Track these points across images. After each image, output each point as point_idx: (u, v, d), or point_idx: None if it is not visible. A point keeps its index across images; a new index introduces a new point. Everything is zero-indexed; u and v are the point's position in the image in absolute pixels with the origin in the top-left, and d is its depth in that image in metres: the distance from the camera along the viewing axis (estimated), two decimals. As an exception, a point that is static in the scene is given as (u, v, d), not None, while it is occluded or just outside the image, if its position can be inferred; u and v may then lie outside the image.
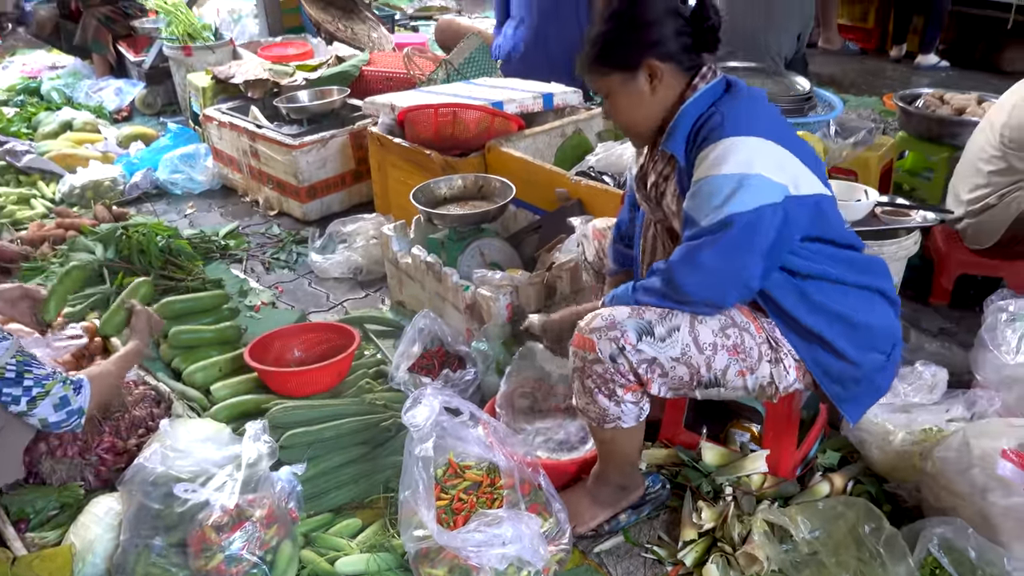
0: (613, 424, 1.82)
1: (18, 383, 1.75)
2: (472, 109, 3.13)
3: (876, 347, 1.82)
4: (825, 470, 2.12)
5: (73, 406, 1.87)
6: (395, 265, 2.91)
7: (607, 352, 1.73)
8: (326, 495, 2.08)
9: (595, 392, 1.78)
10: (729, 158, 1.63)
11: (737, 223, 1.61)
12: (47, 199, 3.95)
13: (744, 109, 1.72)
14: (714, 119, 1.69)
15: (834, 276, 1.77)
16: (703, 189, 1.65)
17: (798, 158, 1.70)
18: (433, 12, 8.14)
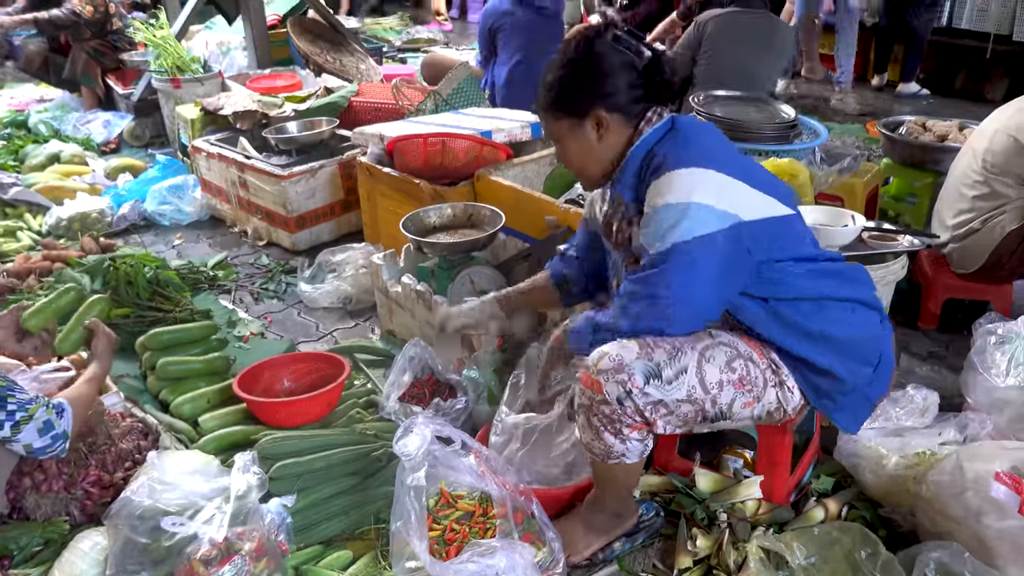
0: (617, 460, 1.81)
1: (1, 407, 1.75)
2: (461, 138, 3.15)
3: (862, 359, 1.83)
4: (819, 495, 2.12)
5: (57, 430, 1.87)
6: (385, 294, 2.90)
7: (614, 395, 1.72)
8: (316, 527, 2.05)
9: (601, 431, 1.78)
10: (672, 189, 1.69)
11: (678, 251, 1.66)
12: (34, 231, 3.93)
13: (686, 143, 1.78)
14: (657, 159, 1.76)
15: (811, 293, 1.79)
16: (649, 221, 1.72)
17: (749, 183, 1.73)
18: (421, 44, 8.22)
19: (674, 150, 1.76)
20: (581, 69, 1.81)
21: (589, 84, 1.81)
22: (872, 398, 1.89)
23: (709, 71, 4.26)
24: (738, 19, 4.23)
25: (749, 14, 4.25)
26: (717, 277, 1.68)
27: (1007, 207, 2.67)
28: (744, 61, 4.15)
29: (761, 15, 4.28)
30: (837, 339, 1.78)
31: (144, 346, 2.73)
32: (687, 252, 1.65)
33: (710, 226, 1.66)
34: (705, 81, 4.25)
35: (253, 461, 1.99)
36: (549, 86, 1.86)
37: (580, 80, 1.81)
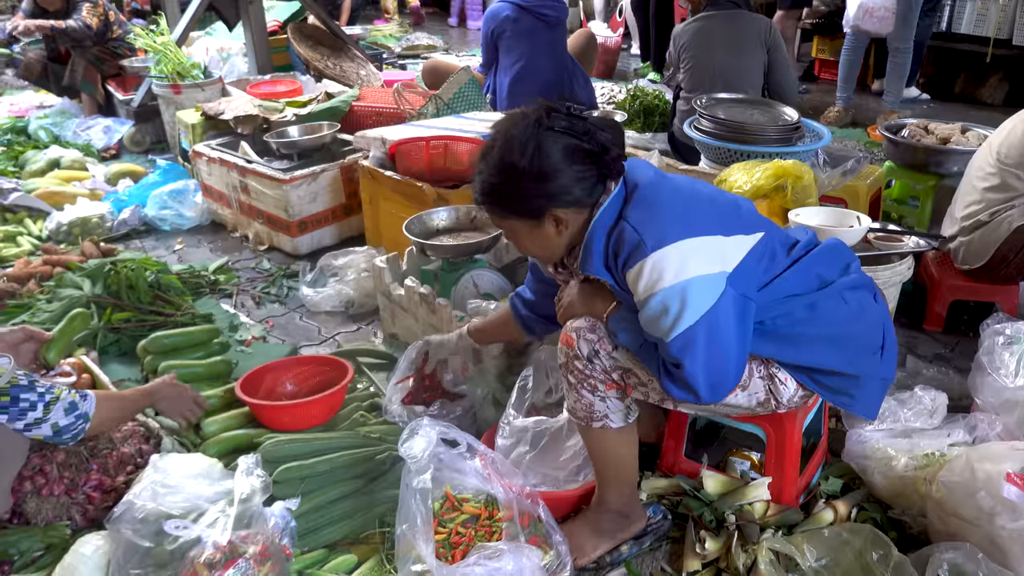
0: (601, 423, 1.83)
1: (31, 389, 1.80)
2: (464, 141, 3.14)
3: (867, 348, 1.82)
4: (828, 497, 2.09)
5: (80, 410, 1.91)
6: (388, 297, 2.88)
7: (585, 351, 1.78)
8: (320, 531, 2.03)
9: (579, 387, 1.82)
10: (662, 274, 1.60)
11: (700, 330, 1.60)
12: (34, 237, 3.91)
13: (653, 210, 1.67)
14: (627, 234, 1.64)
15: (803, 301, 1.75)
16: (651, 310, 1.63)
17: (721, 231, 1.67)
18: (420, 51, 8.22)
19: (645, 223, 1.64)
20: (529, 174, 1.65)
21: (540, 188, 1.66)
22: (887, 379, 1.88)
23: (691, 82, 4.24)
24: (706, 26, 4.21)
25: (717, 17, 4.21)
26: (737, 337, 1.64)
27: (1016, 201, 2.65)
28: (721, 66, 4.13)
29: (729, 15, 4.21)
30: (837, 337, 1.77)
31: (146, 350, 2.71)
32: (707, 327, 1.60)
33: (712, 295, 1.61)
34: (690, 91, 4.24)
35: (256, 464, 1.97)
36: (488, 192, 1.72)
37: (529, 185, 1.66)
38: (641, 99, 5.20)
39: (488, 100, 4.36)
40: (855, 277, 1.83)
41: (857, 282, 1.83)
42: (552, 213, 1.69)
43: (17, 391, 1.78)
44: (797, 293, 1.76)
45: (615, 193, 1.71)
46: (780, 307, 1.74)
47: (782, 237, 1.82)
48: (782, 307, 1.74)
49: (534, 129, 1.65)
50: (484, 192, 1.74)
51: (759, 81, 4.18)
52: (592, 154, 1.67)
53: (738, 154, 3.25)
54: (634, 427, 1.88)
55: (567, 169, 1.66)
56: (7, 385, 1.74)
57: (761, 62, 4.16)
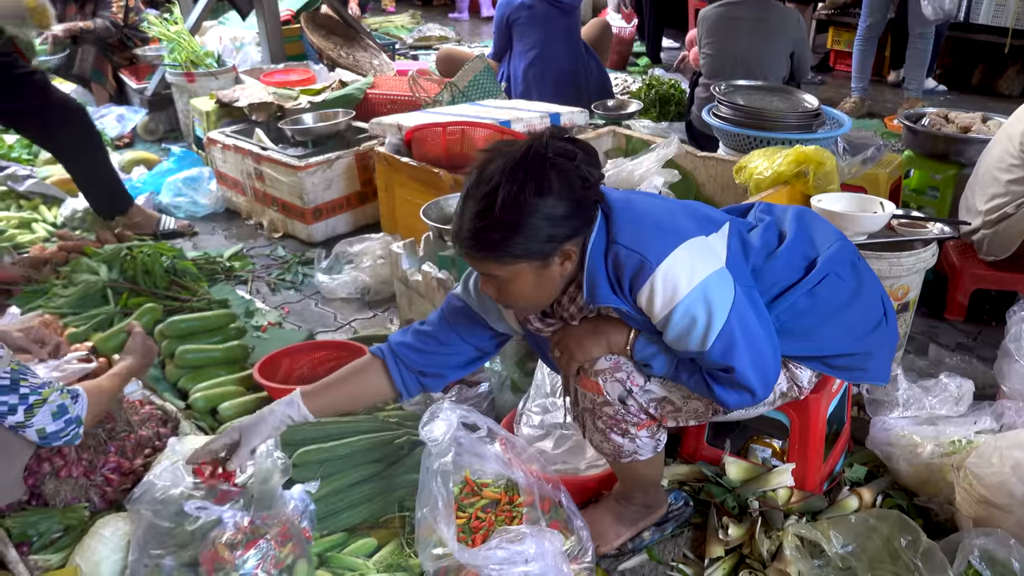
0: (630, 458, 1.79)
1: (14, 390, 1.67)
2: (481, 127, 3.11)
3: (868, 322, 1.79)
4: (852, 484, 2.07)
5: (71, 414, 1.79)
6: (405, 283, 2.86)
7: (615, 394, 1.69)
8: (340, 514, 2.01)
9: (608, 432, 1.75)
10: (677, 283, 1.52)
11: (735, 326, 1.55)
12: (49, 223, 3.91)
13: (637, 230, 1.58)
14: (625, 257, 1.56)
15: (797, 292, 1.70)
16: (678, 325, 1.55)
17: (698, 231, 1.60)
18: (432, 42, 8.19)
19: (638, 241, 1.56)
20: (540, 208, 1.48)
21: (552, 222, 1.50)
22: (892, 342, 1.86)
23: (712, 67, 4.25)
24: (734, 11, 4.20)
25: (746, 4, 4.20)
26: (760, 323, 1.60)
27: (1044, 192, 2.62)
28: (745, 53, 4.13)
29: (759, 3, 4.20)
30: (844, 318, 1.74)
31: (163, 334, 2.70)
32: (737, 329, 1.55)
33: (728, 289, 1.55)
34: (710, 76, 4.23)
35: (276, 446, 1.96)
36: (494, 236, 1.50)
37: (542, 223, 1.49)
38: (657, 88, 5.17)
39: (503, 88, 4.33)
40: (835, 248, 1.76)
41: (839, 252, 1.76)
42: (562, 249, 1.56)
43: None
44: (792, 282, 1.71)
45: (599, 222, 1.60)
46: (781, 302, 1.69)
47: (740, 224, 1.76)
48: (783, 302, 1.69)
49: (548, 162, 1.49)
50: (484, 240, 1.52)
51: (782, 72, 4.16)
52: (587, 180, 1.53)
53: (757, 141, 3.22)
54: (663, 450, 1.84)
55: (573, 198, 1.52)
56: None
57: (787, 53, 4.14)
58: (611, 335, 1.68)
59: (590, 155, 1.55)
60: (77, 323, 2.80)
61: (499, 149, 1.55)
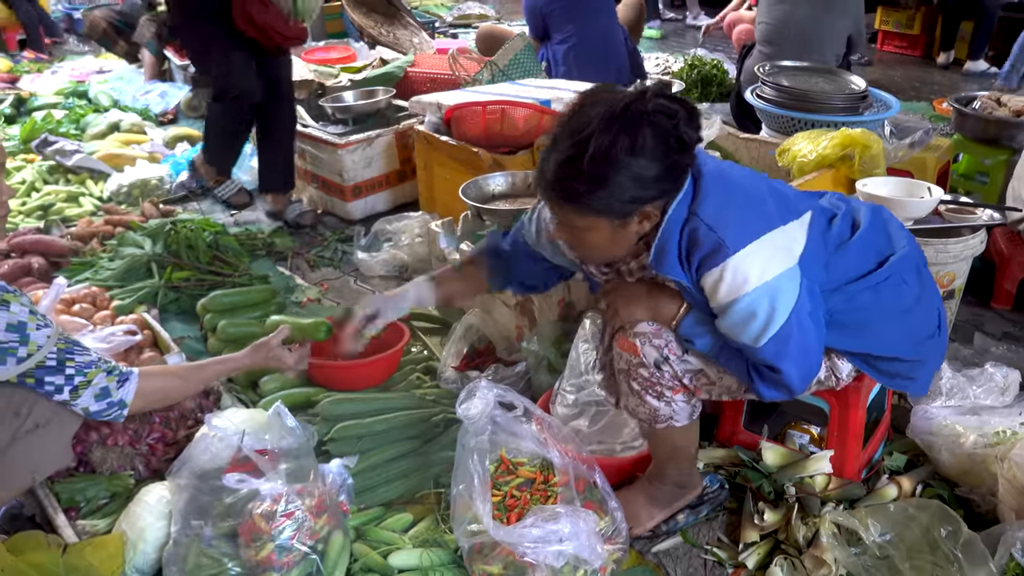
0: (665, 424, 1.78)
1: (60, 371, 1.66)
2: (521, 107, 3.10)
3: (924, 330, 1.78)
4: (891, 473, 2.05)
5: (113, 398, 1.76)
6: (443, 261, 2.88)
7: (651, 358, 1.69)
8: (376, 489, 2.04)
9: (643, 394, 1.75)
10: (747, 277, 1.51)
11: (792, 330, 1.55)
12: (95, 197, 3.98)
13: (722, 209, 1.55)
14: (703, 234, 1.53)
15: (861, 286, 1.68)
16: (736, 314, 1.54)
17: (780, 220, 1.58)
18: (472, 20, 8.16)
19: (720, 221, 1.53)
20: (631, 166, 1.46)
21: (640, 184, 1.48)
22: (941, 356, 1.85)
23: (766, 34, 4.19)
24: None
25: None
26: (815, 327, 1.60)
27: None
28: (803, 23, 4.06)
29: None
30: (900, 323, 1.72)
31: (205, 308, 2.75)
32: (793, 333, 1.55)
33: (794, 290, 1.54)
34: (763, 43, 4.19)
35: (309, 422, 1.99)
36: (579, 185, 1.49)
37: (628, 182, 1.47)
38: (699, 68, 5.10)
39: (544, 68, 4.30)
40: (908, 250, 1.75)
41: (908, 256, 1.75)
42: (643, 210, 1.53)
43: (43, 373, 1.64)
44: (859, 274, 1.69)
45: (686, 186, 1.57)
46: (843, 293, 1.67)
47: (823, 211, 1.73)
48: (845, 292, 1.68)
49: (646, 120, 1.45)
50: (569, 189, 1.51)
51: (840, 48, 4.10)
52: (683, 143, 1.49)
53: (802, 123, 3.16)
54: (698, 418, 1.83)
55: (665, 161, 1.48)
56: (34, 366, 1.62)
57: (845, 32, 4.09)
58: (661, 306, 1.68)
59: (692, 115, 1.51)
60: (123, 296, 2.86)
61: (598, 95, 1.52)
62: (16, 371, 1.59)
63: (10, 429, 1.66)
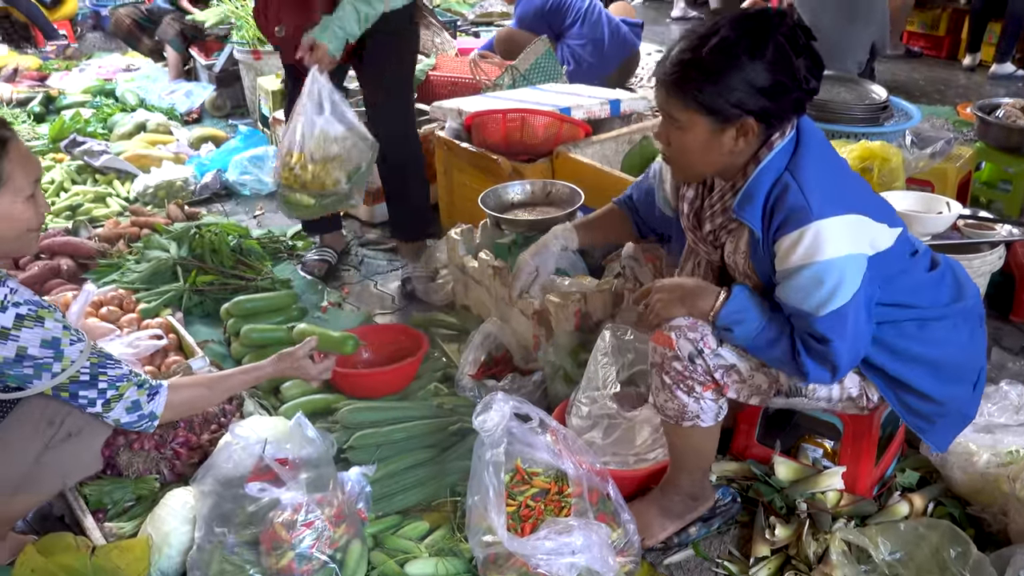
0: (692, 422, 1.81)
1: (92, 385, 1.71)
2: (541, 115, 3.12)
3: (962, 380, 1.79)
4: (904, 490, 2.06)
5: (144, 411, 1.80)
6: (461, 269, 2.91)
7: (686, 351, 1.73)
8: (394, 497, 2.09)
9: (674, 388, 1.78)
10: (823, 246, 1.54)
11: (851, 309, 1.58)
12: (122, 198, 4.06)
13: (818, 177, 1.59)
14: (792, 195, 1.57)
15: (911, 315, 1.71)
16: (803, 279, 1.58)
17: (872, 214, 1.62)
18: (494, 18, 8.16)
19: (812, 187, 1.57)
20: (751, 71, 1.52)
21: (753, 90, 1.53)
22: (969, 415, 1.84)
23: None
24: None
25: None
26: (868, 318, 1.64)
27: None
28: (828, 31, 4.10)
29: None
30: (939, 362, 1.74)
31: (228, 312, 2.80)
32: (851, 313, 1.59)
33: (860, 275, 1.58)
34: None
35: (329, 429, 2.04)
36: (699, 69, 1.55)
37: (742, 84, 1.52)
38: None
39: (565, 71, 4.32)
40: (971, 304, 1.79)
41: (971, 309, 1.79)
42: (745, 122, 1.57)
43: (77, 387, 1.69)
44: (912, 304, 1.72)
45: (787, 139, 1.62)
46: (892, 313, 1.70)
47: (907, 241, 1.76)
48: (894, 314, 1.70)
49: (775, 33, 1.52)
50: (682, 75, 1.57)
51: (863, 56, 4.16)
52: (807, 83, 1.55)
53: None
54: (721, 423, 1.86)
55: (786, 85, 1.53)
56: (67, 381, 1.67)
57: (869, 40, 4.13)
58: (698, 302, 1.73)
59: (815, 66, 1.57)
60: (148, 298, 2.93)
61: (759, 14, 1.57)
62: (50, 384, 1.65)
63: (44, 438, 1.73)
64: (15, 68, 6.11)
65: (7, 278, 1.61)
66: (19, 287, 1.62)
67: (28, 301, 1.61)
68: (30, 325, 1.59)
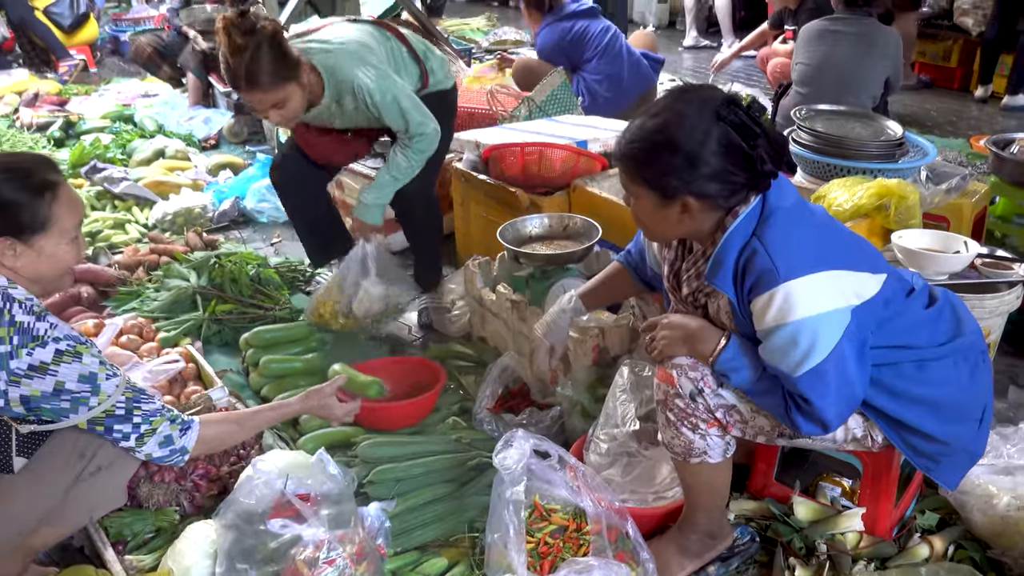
0: (699, 459, 1.82)
1: (127, 420, 1.75)
2: (558, 148, 3.16)
3: (965, 418, 1.78)
4: (924, 531, 2.05)
5: (176, 445, 1.83)
6: (478, 301, 2.93)
7: (687, 389, 1.76)
8: (412, 532, 2.09)
9: (678, 425, 1.80)
10: (795, 306, 1.56)
11: (830, 366, 1.59)
12: (140, 224, 4.10)
13: (785, 239, 1.61)
14: (759, 259, 1.59)
15: (909, 356, 1.72)
16: (778, 340, 1.60)
17: (850, 266, 1.63)
18: (508, 45, 8.24)
19: (778, 250, 1.59)
20: (681, 153, 1.59)
21: (685, 171, 1.60)
22: (977, 453, 1.83)
23: (804, 75, 4.36)
24: (835, 25, 4.33)
25: (849, 21, 4.32)
26: (859, 368, 1.64)
27: None
28: (842, 64, 4.21)
29: (861, 21, 4.30)
30: (940, 403, 1.74)
31: (248, 343, 2.83)
32: (835, 361, 1.59)
33: (839, 329, 1.59)
34: (800, 84, 4.32)
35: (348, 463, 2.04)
36: (637, 152, 1.65)
37: (675, 164, 1.60)
38: (734, 103, 5.13)
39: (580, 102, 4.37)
40: (972, 340, 1.78)
41: (971, 346, 1.78)
42: (684, 200, 1.63)
43: (112, 422, 1.73)
44: (909, 345, 1.72)
45: (752, 207, 1.65)
46: (889, 356, 1.70)
47: (900, 281, 1.77)
48: (891, 356, 1.70)
49: (708, 115, 1.58)
50: (627, 152, 1.68)
51: (878, 90, 4.23)
52: (749, 160, 1.59)
53: (837, 169, 3.17)
54: (731, 459, 1.87)
55: (719, 164, 1.59)
56: (103, 415, 1.70)
57: (884, 74, 4.22)
58: (698, 344, 1.75)
59: (776, 146, 1.61)
60: (168, 327, 2.95)
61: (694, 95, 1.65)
62: (86, 418, 1.68)
63: (74, 471, 1.75)
64: (35, 93, 6.20)
65: (47, 313, 1.65)
66: (58, 322, 1.66)
67: (67, 336, 1.65)
68: (68, 360, 1.63)
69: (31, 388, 1.62)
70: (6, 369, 1.59)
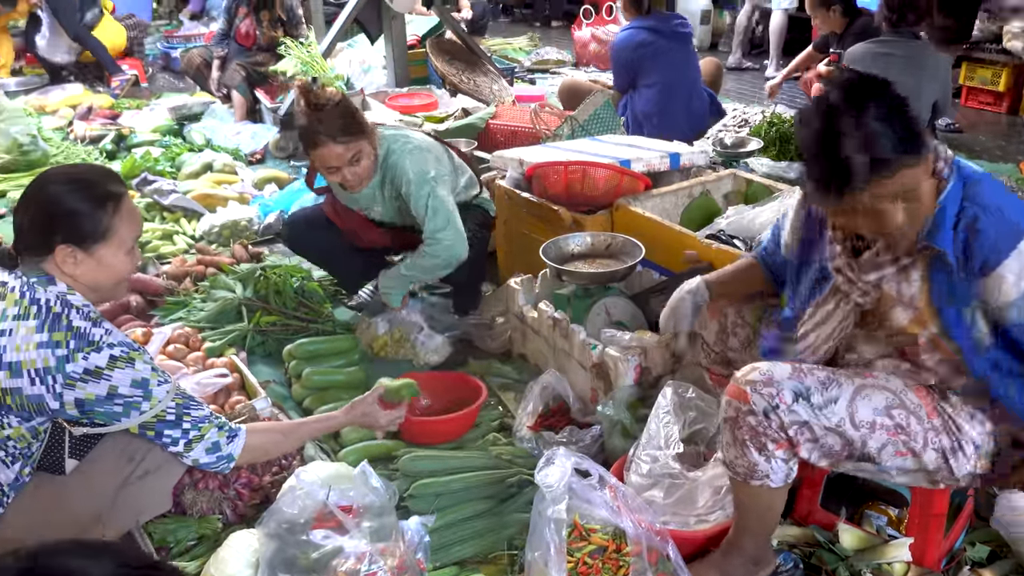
0: (761, 481, 1.79)
1: (177, 425, 1.78)
2: (601, 167, 3.16)
3: None
4: (974, 564, 2.00)
5: (223, 452, 1.87)
6: (520, 318, 2.94)
7: (760, 406, 1.73)
8: (452, 547, 2.09)
9: (747, 445, 1.77)
10: None
11: None
12: (188, 236, 4.18)
13: (998, 198, 1.64)
14: (984, 222, 1.60)
15: None
16: None
17: None
18: (550, 65, 8.30)
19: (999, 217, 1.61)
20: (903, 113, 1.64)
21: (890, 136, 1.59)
22: None
23: None
24: (884, 48, 4.24)
25: (899, 44, 4.23)
26: None
27: None
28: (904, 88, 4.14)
29: (911, 44, 4.23)
30: None
31: (291, 355, 2.86)
32: None
33: None
34: None
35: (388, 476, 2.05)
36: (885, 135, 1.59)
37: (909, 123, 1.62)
38: (778, 126, 5.08)
39: (623, 123, 4.37)
40: None
41: None
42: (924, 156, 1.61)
43: (162, 427, 1.77)
44: None
45: (955, 175, 1.65)
46: None
47: None
48: None
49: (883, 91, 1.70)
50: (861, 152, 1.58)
51: (926, 114, 4.15)
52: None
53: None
54: (787, 488, 1.84)
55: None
56: (153, 420, 1.74)
57: (933, 98, 4.14)
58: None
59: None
60: (214, 337, 3.00)
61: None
62: (137, 422, 1.72)
63: (122, 474, 1.79)
64: (89, 107, 6.36)
65: (102, 320, 1.70)
66: (113, 329, 1.70)
67: (121, 343, 1.69)
68: (122, 366, 1.67)
69: (86, 392, 1.66)
70: (62, 372, 1.64)
